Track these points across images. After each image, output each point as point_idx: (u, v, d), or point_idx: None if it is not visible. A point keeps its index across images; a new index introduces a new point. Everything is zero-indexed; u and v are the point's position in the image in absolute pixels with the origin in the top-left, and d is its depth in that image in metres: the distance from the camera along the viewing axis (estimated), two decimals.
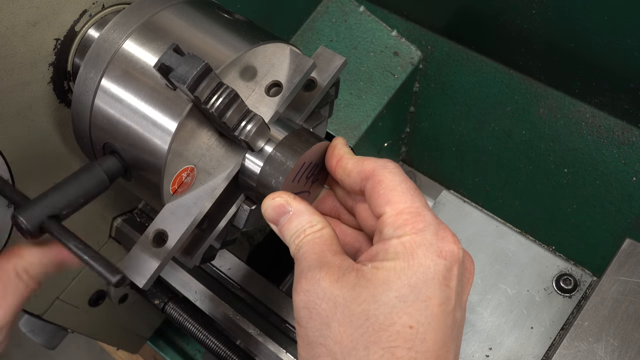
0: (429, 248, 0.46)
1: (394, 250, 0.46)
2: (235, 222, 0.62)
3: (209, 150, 0.57)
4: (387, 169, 0.50)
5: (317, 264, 0.48)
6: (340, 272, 0.47)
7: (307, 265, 0.48)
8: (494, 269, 0.69)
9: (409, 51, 1.06)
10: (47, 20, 0.59)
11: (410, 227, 0.47)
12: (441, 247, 0.46)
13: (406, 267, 0.45)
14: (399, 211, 0.48)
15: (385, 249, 0.47)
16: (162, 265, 0.55)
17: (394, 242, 0.46)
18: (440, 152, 1.20)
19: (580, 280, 0.67)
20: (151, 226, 0.56)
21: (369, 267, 0.46)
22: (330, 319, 0.45)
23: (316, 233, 0.50)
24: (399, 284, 0.45)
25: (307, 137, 0.56)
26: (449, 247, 0.46)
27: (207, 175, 0.57)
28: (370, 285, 0.45)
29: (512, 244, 0.70)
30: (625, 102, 0.88)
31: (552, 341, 0.64)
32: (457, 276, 0.47)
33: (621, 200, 0.98)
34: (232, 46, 0.55)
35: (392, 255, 0.46)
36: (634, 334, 0.60)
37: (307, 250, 0.49)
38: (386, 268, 0.45)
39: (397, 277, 0.45)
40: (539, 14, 0.85)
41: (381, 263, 0.46)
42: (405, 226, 0.47)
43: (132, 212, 0.84)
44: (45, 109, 0.64)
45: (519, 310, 0.66)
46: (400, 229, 0.47)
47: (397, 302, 0.44)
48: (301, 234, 0.50)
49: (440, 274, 0.45)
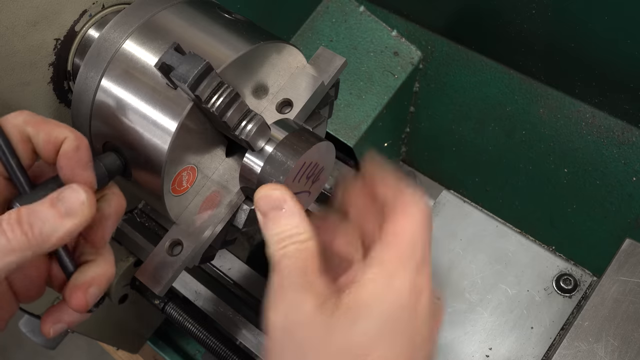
0: (406, 279, 0.46)
1: (373, 277, 0.46)
2: (235, 222, 0.62)
3: (209, 150, 0.58)
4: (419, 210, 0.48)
5: (301, 282, 0.46)
6: (323, 297, 0.46)
7: (290, 282, 0.46)
8: (494, 269, 0.69)
9: (409, 51, 1.06)
10: (47, 20, 0.59)
11: (397, 256, 0.46)
12: (417, 280, 0.46)
13: (384, 297, 0.45)
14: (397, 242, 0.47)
15: (364, 275, 0.46)
16: (177, 273, 0.57)
17: (374, 270, 0.46)
18: (440, 152, 1.20)
19: (580, 280, 0.67)
20: (167, 235, 0.58)
21: (348, 293, 0.46)
22: (308, 348, 0.45)
23: (302, 244, 0.48)
24: (377, 314, 0.45)
25: (308, 137, 0.56)
26: (423, 282, 0.47)
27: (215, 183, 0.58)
28: (350, 313, 0.45)
29: (512, 244, 0.70)
30: (625, 102, 0.88)
31: (552, 341, 0.64)
32: (426, 310, 0.47)
33: (621, 200, 0.98)
34: (232, 46, 0.55)
35: (371, 281, 0.46)
36: (634, 334, 0.60)
37: (291, 264, 0.47)
38: (365, 296, 0.45)
39: (375, 306, 0.45)
40: (539, 14, 0.85)
41: (361, 289, 0.46)
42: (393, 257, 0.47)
43: (132, 212, 0.84)
44: (45, 109, 0.64)
45: (519, 310, 0.66)
46: (387, 255, 0.47)
47: (375, 333, 0.44)
48: (287, 239, 0.48)
49: (411, 307, 0.46)
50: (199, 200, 0.59)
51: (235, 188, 0.58)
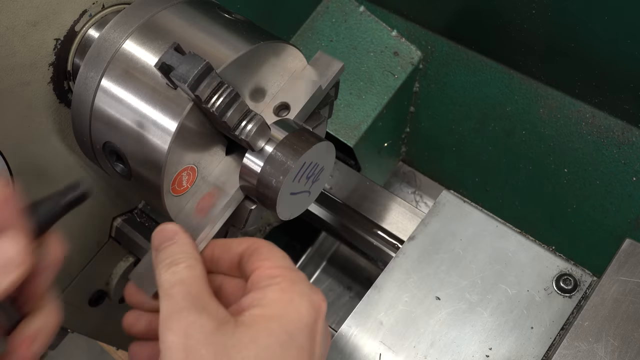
0: (303, 297, 0.48)
1: (271, 297, 0.48)
2: (235, 222, 0.62)
3: (209, 150, 0.58)
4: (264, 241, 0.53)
5: (197, 305, 0.47)
6: (220, 319, 0.46)
7: (186, 305, 0.47)
8: (494, 269, 0.69)
9: (409, 51, 1.06)
10: (47, 20, 0.59)
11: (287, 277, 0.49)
12: (314, 298, 0.48)
13: (285, 314, 0.47)
14: (276, 265, 0.50)
15: (262, 297, 0.48)
16: None
17: (272, 288, 0.48)
18: (440, 152, 1.20)
19: (580, 280, 0.67)
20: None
21: (248, 314, 0.47)
22: None
23: (192, 269, 0.49)
24: (279, 330, 0.46)
25: (308, 137, 0.56)
26: (320, 300, 0.49)
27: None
28: (251, 331, 0.46)
29: (512, 244, 0.70)
30: (625, 102, 0.88)
31: (552, 341, 0.64)
32: (323, 329, 0.49)
33: (621, 200, 0.98)
34: (232, 46, 0.55)
35: (270, 301, 0.47)
36: (634, 334, 0.60)
37: (184, 289, 0.48)
38: (265, 314, 0.47)
39: (277, 323, 0.46)
40: (539, 14, 0.85)
41: (260, 309, 0.47)
42: (283, 276, 0.49)
43: (132, 212, 0.84)
44: (45, 109, 0.64)
45: (519, 310, 0.66)
46: (278, 278, 0.49)
47: (277, 348, 0.45)
48: (178, 263, 0.49)
49: (311, 324, 0.48)
50: (198, 200, 0.59)
51: (235, 188, 0.58)
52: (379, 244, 0.79)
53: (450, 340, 0.65)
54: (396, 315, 0.67)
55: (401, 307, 0.67)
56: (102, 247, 0.84)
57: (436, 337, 0.66)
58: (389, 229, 0.78)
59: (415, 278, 0.69)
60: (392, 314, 0.67)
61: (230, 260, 0.55)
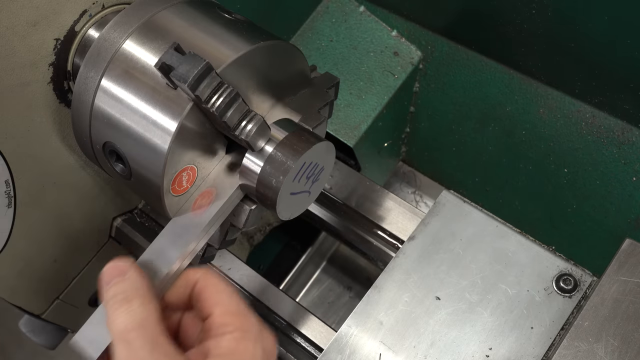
0: (257, 345, 0.49)
1: (227, 345, 0.48)
2: (235, 222, 0.62)
3: (209, 150, 0.58)
4: (212, 275, 0.53)
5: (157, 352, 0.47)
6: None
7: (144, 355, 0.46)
8: (494, 269, 0.69)
9: (409, 51, 1.06)
10: (47, 20, 0.59)
11: (239, 325, 0.50)
12: (266, 344, 0.50)
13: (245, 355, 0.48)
14: (226, 312, 0.50)
15: (217, 345, 0.49)
16: None
17: (226, 337, 0.49)
18: (440, 152, 1.20)
19: (580, 280, 0.67)
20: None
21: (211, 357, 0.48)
22: None
23: (146, 307, 0.48)
24: None
25: (308, 137, 0.56)
26: (271, 345, 0.51)
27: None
28: None
29: (512, 244, 0.70)
30: (625, 102, 0.88)
31: (552, 341, 0.64)
32: None
33: (621, 200, 0.98)
34: (232, 46, 0.55)
35: (225, 350, 0.48)
36: (634, 334, 0.60)
37: (141, 335, 0.47)
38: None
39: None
40: (539, 14, 0.85)
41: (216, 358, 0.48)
42: (235, 324, 0.50)
43: (132, 212, 0.84)
44: (45, 109, 0.64)
45: (519, 310, 0.66)
46: (231, 326, 0.49)
47: None
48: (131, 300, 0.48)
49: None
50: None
51: (235, 188, 0.58)
52: (379, 244, 0.79)
53: (450, 340, 0.65)
54: (396, 315, 0.67)
55: (401, 307, 0.67)
56: (102, 247, 0.84)
57: (436, 337, 0.66)
58: (389, 229, 0.78)
59: (415, 278, 0.69)
60: (392, 314, 0.67)
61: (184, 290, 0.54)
